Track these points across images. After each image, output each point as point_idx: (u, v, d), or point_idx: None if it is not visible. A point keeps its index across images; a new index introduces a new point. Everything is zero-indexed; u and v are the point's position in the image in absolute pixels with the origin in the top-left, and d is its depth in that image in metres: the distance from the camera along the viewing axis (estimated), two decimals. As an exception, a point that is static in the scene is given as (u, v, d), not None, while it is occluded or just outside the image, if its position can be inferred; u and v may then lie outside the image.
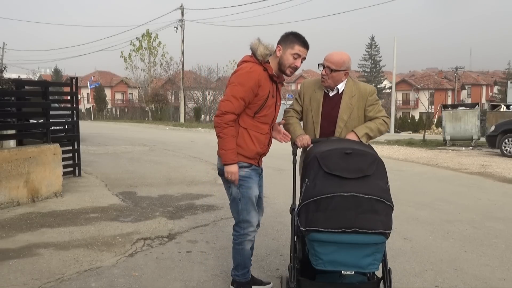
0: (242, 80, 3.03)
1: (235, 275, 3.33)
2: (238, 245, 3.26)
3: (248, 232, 3.23)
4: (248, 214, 3.20)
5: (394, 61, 34.43)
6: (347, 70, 3.22)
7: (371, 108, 3.27)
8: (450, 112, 16.70)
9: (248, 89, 3.01)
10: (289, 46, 3.08)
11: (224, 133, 3.03)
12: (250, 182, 3.17)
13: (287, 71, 3.14)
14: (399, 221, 5.39)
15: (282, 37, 3.13)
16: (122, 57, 40.47)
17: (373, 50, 62.18)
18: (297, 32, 3.14)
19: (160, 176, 8.60)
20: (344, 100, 3.25)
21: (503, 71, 69.71)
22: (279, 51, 3.11)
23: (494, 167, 10.81)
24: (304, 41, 3.10)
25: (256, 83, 3.03)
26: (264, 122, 3.17)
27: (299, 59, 3.11)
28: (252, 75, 3.03)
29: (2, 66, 8.02)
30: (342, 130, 3.24)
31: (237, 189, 3.16)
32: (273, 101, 3.19)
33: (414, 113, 50.04)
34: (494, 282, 3.78)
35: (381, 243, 2.57)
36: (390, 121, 3.42)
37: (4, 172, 5.85)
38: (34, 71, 57.52)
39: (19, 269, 3.85)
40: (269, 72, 3.10)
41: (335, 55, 3.21)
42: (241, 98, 3.00)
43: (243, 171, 3.13)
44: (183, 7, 35.82)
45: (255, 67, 3.07)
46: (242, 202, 3.18)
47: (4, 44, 47.89)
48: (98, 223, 5.28)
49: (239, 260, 3.28)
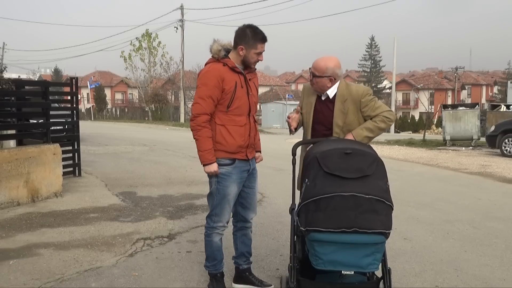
0: (204, 81, 3.16)
1: (206, 267, 3.45)
2: (207, 237, 3.39)
3: (217, 226, 3.34)
4: (221, 211, 3.31)
5: (394, 61, 34.44)
6: (332, 76, 3.20)
7: (366, 109, 3.24)
8: (450, 112, 16.71)
9: (212, 87, 3.12)
10: (252, 46, 3.18)
11: (199, 135, 3.16)
12: (228, 180, 3.26)
13: (252, 66, 3.27)
14: (399, 221, 5.39)
15: (240, 35, 3.17)
16: (122, 57, 40.53)
17: (373, 50, 62.19)
18: (253, 27, 3.19)
19: (160, 176, 8.61)
20: (337, 106, 3.25)
21: (503, 71, 69.77)
22: (242, 51, 3.17)
23: (494, 167, 10.81)
24: (264, 37, 3.20)
25: (217, 79, 3.13)
26: (238, 114, 3.23)
27: (261, 54, 3.24)
28: (211, 73, 3.15)
29: (2, 66, 8.03)
30: (339, 135, 3.24)
31: (215, 185, 3.29)
32: (243, 92, 3.23)
33: (414, 113, 50.00)
34: (494, 282, 3.78)
35: (381, 243, 2.57)
36: (393, 114, 3.35)
37: (4, 172, 5.85)
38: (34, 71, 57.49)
39: (19, 269, 3.85)
40: (229, 66, 3.18)
41: (319, 61, 3.24)
42: (208, 97, 3.12)
43: (223, 168, 3.25)
44: (183, 7, 35.84)
45: (213, 65, 3.19)
46: (217, 197, 3.30)
47: (4, 44, 47.89)
48: (98, 223, 5.28)
49: (208, 251, 3.41)
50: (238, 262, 3.55)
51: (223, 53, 3.22)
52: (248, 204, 3.45)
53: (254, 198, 3.50)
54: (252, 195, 3.46)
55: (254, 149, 3.40)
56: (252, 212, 3.50)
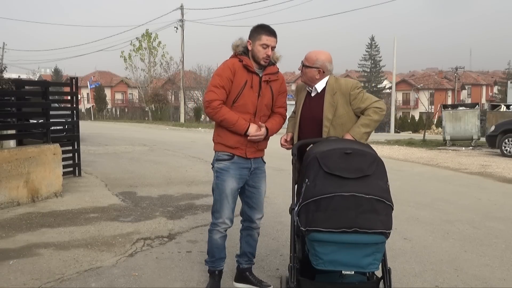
0: (219, 72, 3.27)
1: (206, 261, 3.49)
2: (209, 233, 3.43)
3: (217, 222, 3.35)
4: (221, 206, 3.33)
5: (394, 61, 34.45)
6: (321, 68, 3.22)
7: (356, 101, 3.21)
8: (450, 112, 16.70)
9: (225, 78, 3.22)
10: (257, 38, 3.25)
11: (221, 114, 3.21)
12: (226, 175, 3.28)
13: (261, 62, 3.27)
14: (399, 221, 5.39)
15: (251, 31, 3.30)
16: (122, 57, 40.54)
17: (373, 50, 62.15)
18: (263, 24, 3.31)
19: (160, 176, 8.61)
20: (326, 99, 3.24)
21: (503, 71, 69.70)
22: (250, 45, 3.27)
23: (494, 167, 10.81)
24: (270, 30, 3.27)
25: (230, 71, 3.23)
26: (243, 111, 3.27)
27: (269, 48, 3.24)
28: (226, 65, 3.27)
29: (2, 66, 8.03)
30: (329, 129, 3.20)
31: (214, 180, 3.34)
32: (251, 92, 3.26)
33: (414, 113, 50.02)
34: (494, 282, 3.78)
35: (381, 243, 2.57)
36: (383, 103, 3.34)
37: (4, 172, 5.85)
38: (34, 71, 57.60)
39: (19, 269, 3.85)
40: (244, 62, 3.25)
41: (311, 52, 3.30)
42: (221, 86, 3.20)
43: (221, 163, 3.30)
44: (183, 7, 35.87)
45: (230, 59, 3.32)
46: (216, 193, 3.34)
47: (4, 44, 47.93)
48: (98, 223, 5.28)
49: (208, 247, 3.45)
50: (240, 261, 3.56)
51: (240, 49, 3.29)
52: (253, 203, 3.44)
53: (260, 198, 3.48)
54: (257, 195, 3.45)
55: (257, 149, 3.36)
56: (258, 212, 3.48)
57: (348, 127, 3.22)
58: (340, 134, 3.20)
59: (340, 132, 3.21)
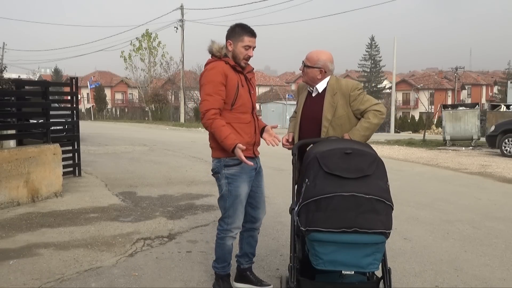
0: (209, 78, 3.16)
1: (215, 267, 3.43)
2: (220, 240, 3.35)
3: (231, 228, 3.31)
4: (234, 212, 3.28)
5: (394, 61, 34.44)
6: (323, 68, 3.23)
7: (355, 102, 3.22)
8: (450, 112, 16.71)
9: (218, 84, 3.14)
10: (239, 40, 3.20)
11: (214, 127, 3.12)
12: (239, 180, 3.24)
13: (241, 63, 3.25)
14: (399, 221, 5.39)
15: (229, 31, 3.26)
16: (122, 57, 40.52)
17: (373, 50, 62.19)
18: (242, 24, 3.27)
19: (160, 176, 8.61)
20: (327, 99, 3.25)
21: (503, 71, 69.73)
22: (230, 46, 3.23)
23: (494, 167, 10.81)
24: (251, 31, 3.24)
25: (222, 75, 3.15)
26: (243, 111, 3.25)
27: (251, 49, 3.23)
28: (216, 69, 3.17)
29: (2, 66, 8.03)
30: (328, 129, 3.21)
31: (226, 187, 3.25)
32: (244, 90, 3.26)
33: (414, 113, 50.01)
34: (494, 282, 3.78)
35: (381, 242, 2.57)
36: (383, 106, 3.33)
37: (4, 172, 5.85)
38: (34, 71, 57.58)
39: (19, 269, 3.85)
40: (231, 64, 3.21)
41: (312, 52, 3.30)
42: (215, 94, 3.13)
43: (232, 169, 3.22)
44: (183, 7, 35.86)
45: (216, 63, 3.21)
46: (230, 199, 3.26)
47: (4, 44, 47.92)
48: (98, 223, 5.28)
49: (219, 253, 3.38)
50: (240, 261, 3.55)
51: (224, 51, 3.24)
52: (257, 203, 3.44)
53: (263, 197, 3.48)
54: (260, 194, 3.45)
55: (259, 146, 3.40)
56: (262, 211, 3.49)
57: (347, 128, 3.23)
58: (339, 135, 3.20)
59: (339, 132, 3.22)
